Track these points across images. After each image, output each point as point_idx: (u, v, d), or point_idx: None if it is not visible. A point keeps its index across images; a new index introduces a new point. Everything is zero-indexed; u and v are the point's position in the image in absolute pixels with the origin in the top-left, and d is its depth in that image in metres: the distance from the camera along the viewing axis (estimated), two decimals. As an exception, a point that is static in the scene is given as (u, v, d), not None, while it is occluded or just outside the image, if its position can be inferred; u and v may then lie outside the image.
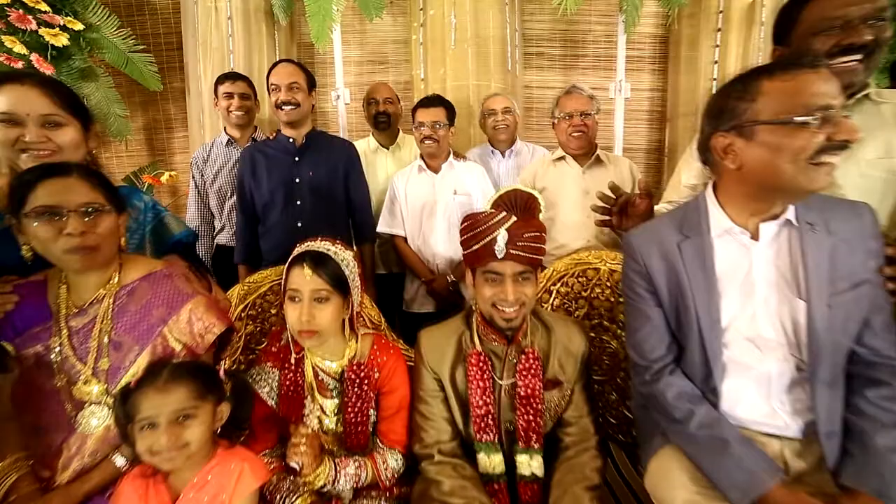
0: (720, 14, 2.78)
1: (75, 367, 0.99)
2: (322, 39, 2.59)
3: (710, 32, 2.85)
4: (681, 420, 0.95)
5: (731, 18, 2.77)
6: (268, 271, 1.64)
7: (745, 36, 2.74)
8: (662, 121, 3.15)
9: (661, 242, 1.00)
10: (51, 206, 0.93)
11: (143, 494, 0.89)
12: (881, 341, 0.89)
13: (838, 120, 0.75)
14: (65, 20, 2.40)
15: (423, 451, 1.12)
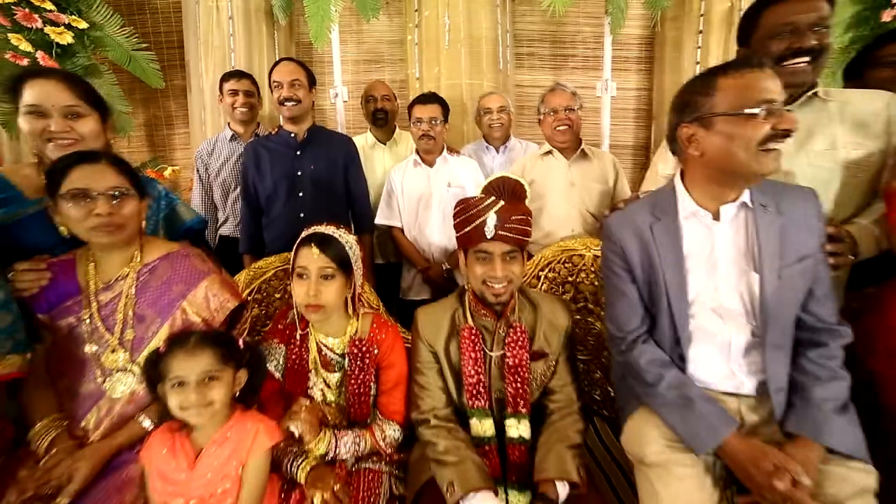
0: (702, 17, 2.91)
1: (104, 337, 1.08)
2: (321, 39, 2.68)
3: (692, 34, 2.99)
4: (652, 383, 1.06)
5: (712, 21, 2.91)
6: (272, 258, 1.73)
7: (724, 38, 2.87)
8: (649, 119, 3.28)
9: (636, 225, 1.11)
10: (82, 188, 1.03)
11: (170, 447, 0.99)
12: (822, 308, 1.01)
13: (781, 112, 0.87)
14: (69, 19, 2.47)
15: (420, 416, 1.22)
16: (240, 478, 1.02)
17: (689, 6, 2.96)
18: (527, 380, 1.21)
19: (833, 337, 1.01)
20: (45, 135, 1.18)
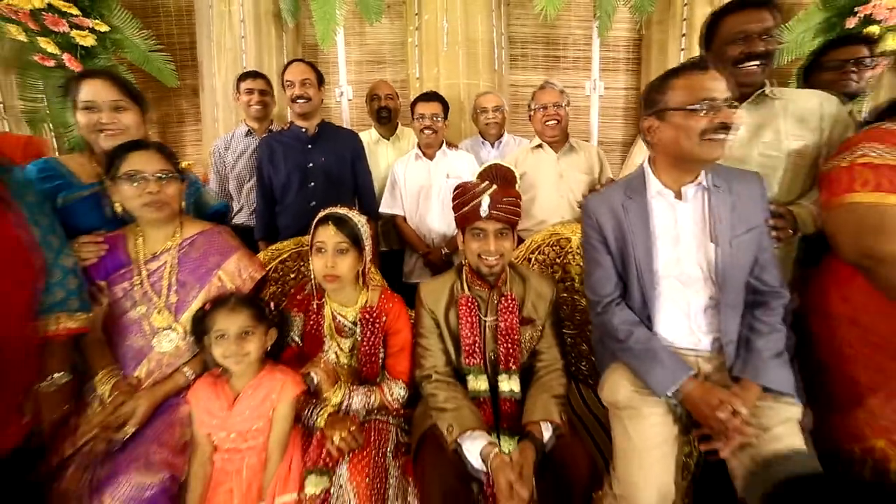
0: (684, 21, 3.10)
1: (152, 300, 1.26)
2: (327, 41, 2.86)
3: (676, 38, 3.17)
4: (623, 339, 1.24)
5: (694, 25, 3.08)
6: (287, 242, 1.90)
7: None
8: (636, 117, 3.47)
9: (611, 203, 1.29)
10: (137, 171, 1.20)
11: (213, 391, 1.16)
12: (767, 274, 1.19)
13: (720, 108, 1.05)
14: (93, 23, 2.64)
15: (423, 374, 1.40)
16: (270, 419, 1.19)
17: (673, 11, 3.15)
18: (517, 342, 1.39)
19: (775, 298, 1.19)
20: (97, 126, 1.36)
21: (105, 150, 1.36)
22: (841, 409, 1.20)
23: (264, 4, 2.95)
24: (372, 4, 2.87)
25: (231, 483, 1.14)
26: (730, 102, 1.06)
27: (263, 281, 1.43)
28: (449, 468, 1.19)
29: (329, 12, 2.83)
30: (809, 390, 1.21)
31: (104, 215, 1.34)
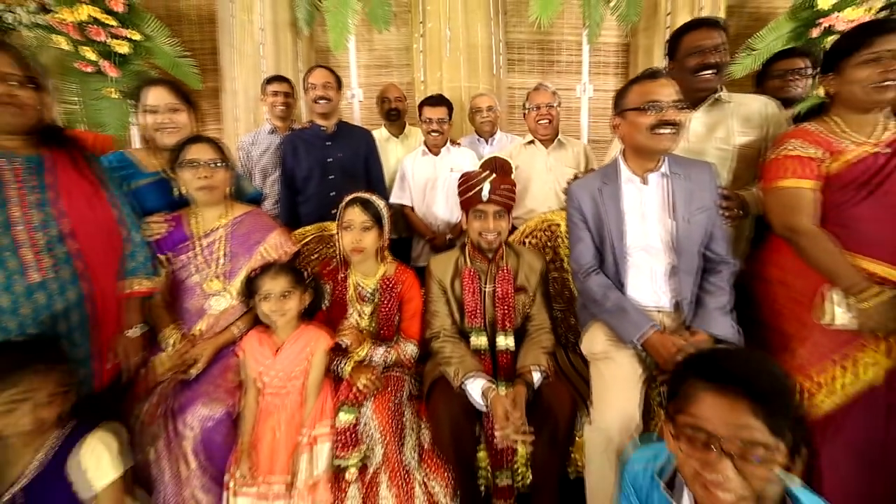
0: (668, 29, 3.36)
1: (206, 269, 1.52)
2: (339, 47, 3.13)
3: (661, 43, 3.42)
4: (600, 300, 1.49)
5: (677, 32, 3.35)
6: (309, 227, 2.15)
7: (688, 47, 3.32)
8: (623, 117, 3.73)
9: (590, 188, 1.55)
10: (194, 159, 1.46)
11: (260, 341, 1.42)
12: (717, 246, 1.45)
13: (665, 108, 1.31)
14: (128, 32, 2.90)
15: (432, 333, 1.65)
16: (307, 365, 1.45)
17: (657, 19, 3.41)
18: (512, 306, 1.64)
19: (723, 265, 1.45)
20: (158, 125, 1.62)
21: (164, 145, 1.63)
22: (774, 356, 1.45)
23: (282, 14, 3.20)
24: (380, 14, 3.13)
25: (276, 417, 1.40)
26: (676, 105, 1.32)
27: (297, 255, 1.69)
28: (456, 405, 1.44)
29: (341, 21, 3.10)
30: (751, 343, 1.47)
31: (163, 199, 1.60)
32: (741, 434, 0.70)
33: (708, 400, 0.75)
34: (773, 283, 1.47)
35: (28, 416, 1.00)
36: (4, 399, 0.99)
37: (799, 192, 1.34)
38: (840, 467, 1.32)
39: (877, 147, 1.27)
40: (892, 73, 1.21)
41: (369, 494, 1.37)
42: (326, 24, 3.15)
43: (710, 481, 0.72)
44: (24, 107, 1.16)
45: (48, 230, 1.19)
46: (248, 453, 1.33)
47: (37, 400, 1.01)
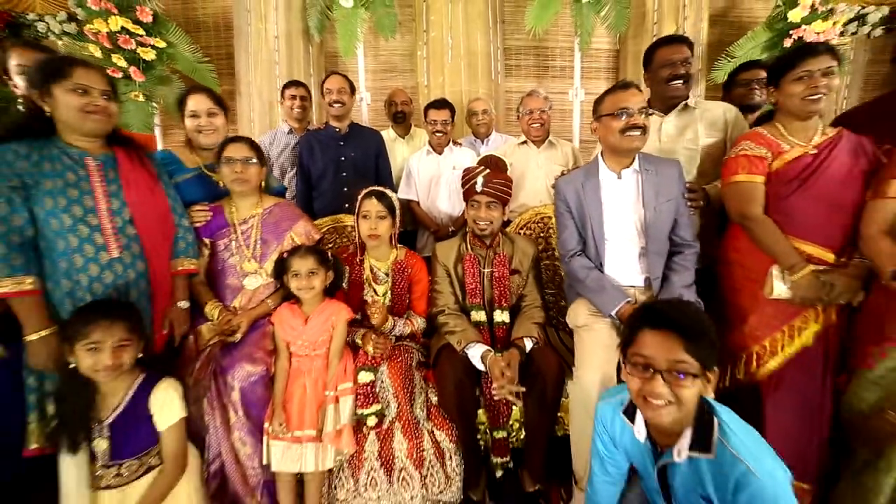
0: (654, 36, 3.60)
1: (243, 252, 1.75)
2: (349, 54, 3.37)
3: (648, 51, 3.68)
4: (582, 279, 1.73)
5: (663, 40, 3.60)
6: (325, 219, 2.39)
7: (672, 54, 3.57)
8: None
9: (574, 183, 1.79)
10: (230, 157, 1.70)
11: (291, 313, 1.66)
12: (682, 231, 1.69)
13: (633, 114, 1.55)
14: (154, 40, 3.14)
15: (438, 309, 1.89)
16: (331, 334, 1.68)
17: (645, 27, 3.64)
18: (507, 286, 1.88)
19: (687, 248, 1.69)
20: (198, 128, 1.85)
21: (203, 145, 1.87)
22: (733, 329, 1.69)
23: (294, 23, 3.44)
24: (387, 23, 3.37)
25: (305, 377, 1.63)
26: (643, 111, 1.56)
27: (319, 241, 1.93)
28: (459, 369, 1.69)
29: (350, 29, 3.34)
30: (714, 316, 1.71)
31: (201, 192, 1.84)
32: (668, 358, 0.95)
33: (647, 337, 0.99)
34: (732, 265, 1.71)
35: (107, 356, 1.24)
36: (88, 342, 1.22)
37: (751, 186, 1.59)
38: (782, 414, 1.57)
39: (810, 149, 1.52)
40: (819, 88, 1.45)
41: (385, 442, 1.61)
42: (336, 32, 3.38)
43: (647, 392, 0.97)
44: (109, 116, 1.40)
45: (121, 216, 1.43)
46: (282, 408, 1.57)
47: (111, 343, 1.25)
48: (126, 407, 1.30)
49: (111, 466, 1.29)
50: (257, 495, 1.56)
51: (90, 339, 1.23)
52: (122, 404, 1.30)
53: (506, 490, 1.78)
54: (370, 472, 1.58)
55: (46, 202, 1.31)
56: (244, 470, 1.55)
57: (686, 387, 0.95)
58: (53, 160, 1.35)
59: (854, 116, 1.75)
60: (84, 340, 1.23)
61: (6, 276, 1.25)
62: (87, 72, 1.38)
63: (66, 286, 1.36)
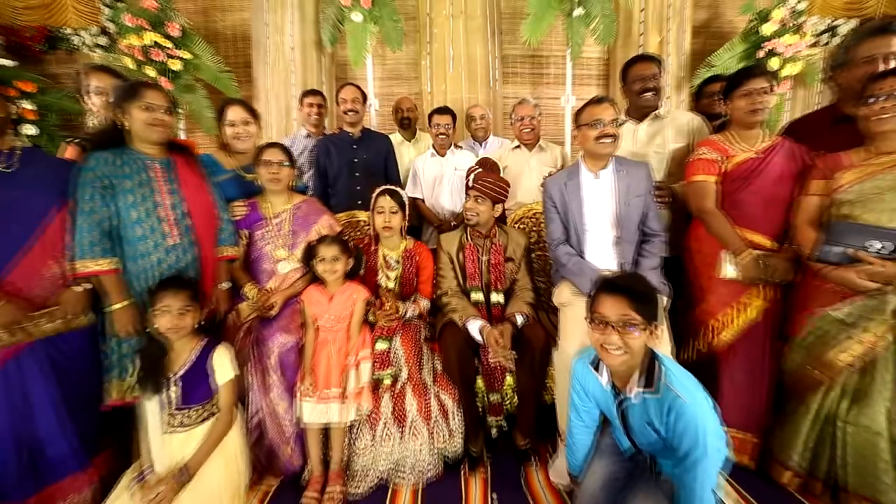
0: (640, 47, 3.90)
1: (276, 241, 2.05)
2: (358, 63, 3.66)
3: (636, 59, 3.97)
4: (565, 263, 2.03)
5: (648, 49, 3.88)
6: (340, 215, 2.68)
7: (657, 63, 3.86)
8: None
9: (559, 182, 2.08)
10: (268, 159, 2.00)
11: (318, 293, 1.96)
12: (651, 223, 1.99)
13: (606, 124, 1.84)
14: (181, 52, 3.44)
15: (441, 292, 2.18)
16: (352, 311, 1.98)
17: (632, 38, 3.95)
18: (502, 272, 2.18)
19: (655, 237, 1.98)
20: (234, 135, 2.15)
21: (239, 150, 2.17)
22: (696, 306, 2.00)
23: (309, 35, 3.74)
24: (394, 35, 3.66)
25: (330, 347, 1.92)
26: (614, 122, 1.86)
27: (340, 233, 2.23)
28: (460, 339, 1.98)
29: (360, 41, 3.63)
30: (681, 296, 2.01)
31: (237, 190, 2.13)
32: (619, 314, 1.25)
33: (604, 300, 1.29)
34: (693, 252, 2.01)
35: (173, 319, 1.54)
36: (161, 305, 1.54)
37: (706, 184, 1.89)
38: (734, 378, 1.87)
39: (754, 153, 1.82)
40: (758, 104, 1.75)
41: (398, 401, 1.91)
42: (347, 43, 3.67)
43: (604, 342, 1.27)
44: (168, 127, 1.70)
45: (179, 209, 1.73)
46: (311, 372, 1.87)
47: (177, 308, 1.55)
48: (192, 364, 1.60)
49: (180, 412, 1.59)
50: (290, 444, 1.86)
51: (162, 302, 1.54)
52: (188, 362, 1.60)
53: (500, 446, 2.08)
54: (385, 426, 1.88)
55: (125, 198, 1.61)
56: (280, 423, 1.85)
57: (634, 337, 1.25)
58: (128, 164, 1.65)
59: (796, 127, 2.04)
60: (158, 304, 1.54)
61: (98, 256, 1.55)
62: (154, 92, 1.69)
63: (138, 266, 1.66)
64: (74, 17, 3.87)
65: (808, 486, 1.70)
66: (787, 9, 3.44)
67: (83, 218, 1.55)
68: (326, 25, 3.63)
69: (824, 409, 1.65)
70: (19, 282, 1.46)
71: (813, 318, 1.66)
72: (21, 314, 1.42)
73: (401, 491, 1.84)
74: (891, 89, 1.49)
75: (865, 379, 1.56)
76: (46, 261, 1.52)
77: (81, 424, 1.61)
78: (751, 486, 1.79)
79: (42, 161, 1.61)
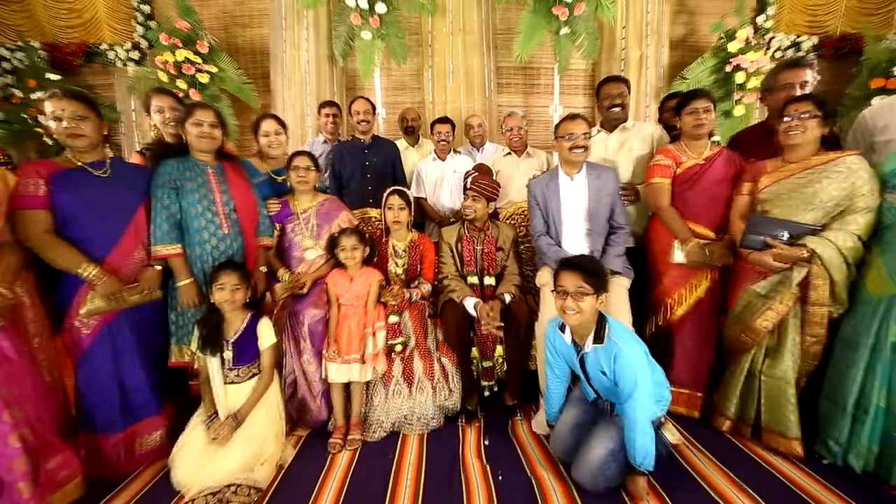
0: (622, 60, 4.31)
1: (304, 233, 2.45)
2: (367, 76, 4.07)
3: (618, 69, 4.37)
4: (546, 251, 2.43)
5: (630, 62, 4.29)
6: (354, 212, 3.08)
7: (637, 75, 4.27)
8: (592, 129, 4.67)
9: (541, 184, 2.48)
10: (297, 165, 2.40)
11: (340, 276, 2.36)
12: (617, 217, 2.38)
13: (577, 137, 2.24)
14: (209, 67, 3.84)
15: (442, 276, 2.58)
16: (369, 290, 2.38)
17: (615, 52, 4.35)
18: (493, 260, 2.58)
19: (620, 230, 2.38)
20: (269, 144, 2.55)
21: (271, 156, 2.57)
22: (655, 287, 2.40)
23: (322, 50, 4.15)
24: (399, 50, 4.06)
25: (350, 320, 2.32)
26: (585, 136, 2.26)
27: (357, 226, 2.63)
28: (458, 314, 2.38)
29: (369, 56, 4.03)
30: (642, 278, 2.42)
31: (269, 191, 2.53)
32: (574, 284, 1.66)
33: (564, 274, 1.70)
34: (652, 242, 2.42)
35: (227, 294, 1.94)
36: (218, 283, 1.94)
37: (661, 186, 2.29)
38: (684, 346, 2.28)
39: (700, 160, 2.22)
40: (701, 120, 2.15)
41: (407, 363, 2.32)
42: (357, 57, 4.07)
43: (564, 307, 1.68)
44: (215, 139, 2.10)
45: (229, 206, 2.13)
46: (334, 341, 2.27)
47: (230, 285, 1.95)
48: (242, 331, 2.01)
49: (233, 369, 1.99)
50: (318, 399, 2.26)
51: (219, 281, 1.94)
52: (239, 330, 2.01)
53: (492, 405, 2.48)
54: (396, 384, 2.29)
55: (189, 197, 2.01)
56: (310, 382, 2.26)
57: (586, 301, 1.66)
58: (190, 169, 2.06)
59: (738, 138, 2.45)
60: (216, 282, 1.94)
61: (169, 243, 1.95)
62: (202, 111, 2.09)
63: (197, 252, 2.06)
64: (110, 34, 4.27)
65: (739, 429, 2.11)
66: (751, 27, 3.84)
67: (158, 212, 1.95)
68: (338, 42, 4.03)
69: (750, 366, 2.05)
70: (115, 262, 1.85)
71: (742, 293, 2.06)
72: (119, 287, 1.82)
73: (409, 438, 2.24)
74: (796, 112, 1.89)
75: (778, 339, 1.96)
76: (135, 246, 1.92)
77: (155, 378, 2.01)
78: (696, 432, 2.19)
79: (125, 167, 2.01)
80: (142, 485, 1.89)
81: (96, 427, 1.87)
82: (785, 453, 1.94)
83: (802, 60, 2.11)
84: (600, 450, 1.74)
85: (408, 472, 1.97)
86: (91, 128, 1.82)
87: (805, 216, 1.87)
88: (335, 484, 1.89)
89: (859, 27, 4.19)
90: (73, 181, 1.78)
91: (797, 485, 1.79)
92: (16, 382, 1.56)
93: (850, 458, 1.79)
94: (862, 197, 1.77)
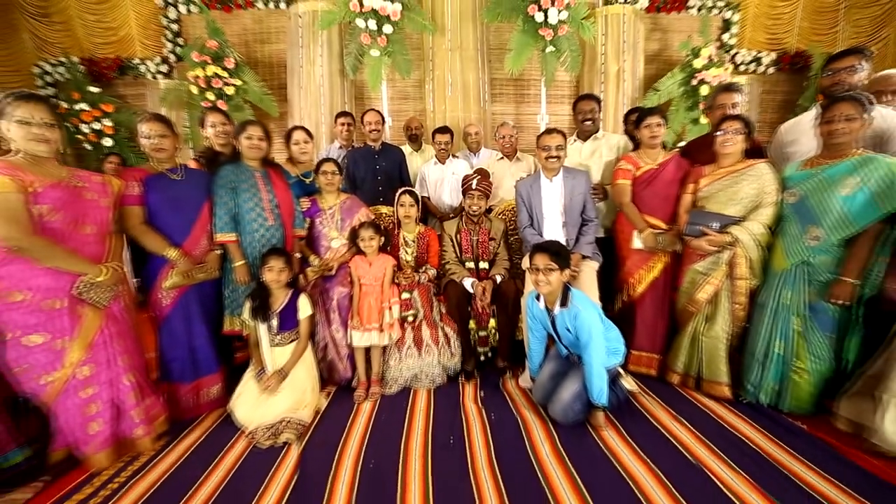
0: (602, 73, 4.82)
1: (330, 225, 2.95)
2: (375, 88, 4.56)
3: (598, 81, 4.89)
4: (530, 241, 2.92)
5: (609, 75, 4.81)
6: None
7: (615, 87, 4.78)
8: (576, 134, 5.18)
9: (526, 185, 2.99)
10: (325, 170, 2.90)
11: (361, 260, 2.85)
12: (589, 212, 2.89)
13: (551, 148, 2.75)
14: (235, 80, 4.32)
15: (444, 261, 3.08)
16: (384, 273, 2.88)
17: (595, 66, 4.87)
18: (487, 248, 3.09)
19: (591, 222, 2.90)
20: (301, 151, 3.05)
21: (301, 162, 3.07)
22: (620, 269, 2.91)
23: (335, 65, 4.64)
24: (403, 65, 4.55)
25: (370, 297, 2.81)
26: (559, 147, 2.77)
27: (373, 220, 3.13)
28: (458, 291, 2.89)
29: (376, 70, 4.52)
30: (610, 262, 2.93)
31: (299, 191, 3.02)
32: (544, 263, 2.17)
33: (536, 255, 2.21)
34: (618, 232, 2.93)
35: (275, 275, 2.43)
36: (267, 265, 2.42)
37: (623, 186, 2.80)
38: (644, 317, 2.79)
39: (655, 165, 2.73)
40: (655, 133, 2.66)
41: (417, 331, 2.82)
42: (366, 71, 4.56)
43: (537, 280, 2.19)
44: (262, 149, 2.59)
45: (273, 202, 2.62)
46: (357, 313, 2.76)
47: (277, 267, 2.44)
48: (285, 305, 2.50)
49: (278, 334, 2.48)
50: (344, 361, 2.76)
51: (268, 264, 2.44)
52: (283, 303, 2.50)
53: (486, 367, 2.99)
54: (408, 348, 2.79)
55: (243, 195, 2.51)
56: (338, 346, 2.76)
57: (553, 276, 2.17)
58: (243, 174, 2.55)
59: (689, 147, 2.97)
60: (266, 265, 2.44)
61: (228, 231, 2.45)
62: (254, 127, 2.58)
63: (247, 240, 2.56)
64: (141, 49, 4.74)
65: (686, 382, 2.62)
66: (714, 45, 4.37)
67: (220, 206, 2.44)
68: (349, 58, 4.52)
69: (693, 330, 2.57)
70: (188, 247, 2.35)
71: (687, 271, 2.58)
72: (192, 266, 2.31)
73: (419, 392, 2.74)
74: (729, 128, 2.40)
75: (713, 307, 2.48)
76: (203, 234, 2.41)
77: (215, 341, 2.50)
78: (652, 386, 2.70)
79: (193, 172, 2.50)
80: (209, 423, 2.39)
81: (173, 378, 2.37)
82: (719, 397, 2.46)
83: (734, 86, 2.63)
84: (569, 391, 2.25)
85: (419, 416, 2.46)
86: (170, 143, 2.31)
87: (731, 210, 2.39)
88: (361, 424, 2.39)
89: (809, 46, 4.73)
90: (158, 183, 2.27)
91: (722, 419, 2.31)
92: (123, 338, 2.05)
93: (760, 396, 2.32)
94: (768, 194, 2.29)
